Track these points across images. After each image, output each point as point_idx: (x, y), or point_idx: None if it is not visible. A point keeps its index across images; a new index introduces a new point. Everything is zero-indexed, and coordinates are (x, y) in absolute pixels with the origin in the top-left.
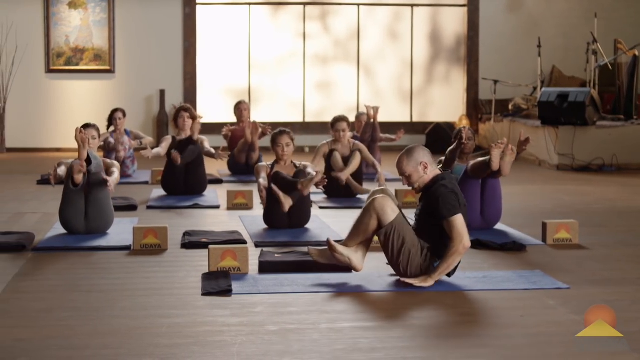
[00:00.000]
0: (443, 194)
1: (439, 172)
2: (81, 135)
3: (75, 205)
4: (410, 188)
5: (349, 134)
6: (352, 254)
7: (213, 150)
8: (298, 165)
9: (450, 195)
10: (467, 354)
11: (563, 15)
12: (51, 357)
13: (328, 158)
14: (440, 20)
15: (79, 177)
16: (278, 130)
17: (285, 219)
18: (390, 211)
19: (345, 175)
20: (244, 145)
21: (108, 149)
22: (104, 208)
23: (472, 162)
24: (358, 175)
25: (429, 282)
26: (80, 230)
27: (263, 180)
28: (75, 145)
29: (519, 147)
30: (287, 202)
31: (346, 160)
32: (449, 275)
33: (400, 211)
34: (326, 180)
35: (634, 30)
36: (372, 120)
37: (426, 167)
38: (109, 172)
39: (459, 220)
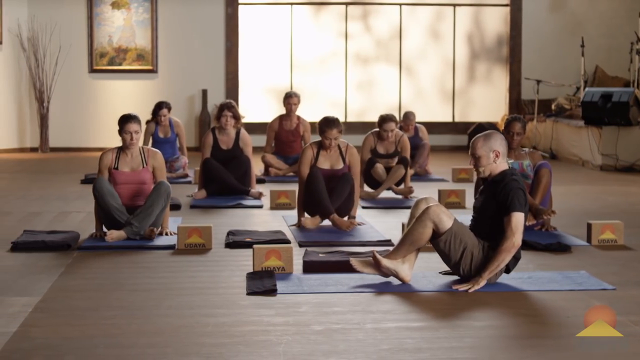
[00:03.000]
0: (514, 189)
1: (507, 166)
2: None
3: (120, 216)
4: (475, 171)
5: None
6: (399, 266)
7: (253, 174)
8: (343, 153)
9: (520, 192)
10: (513, 355)
11: (606, 15)
12: (98, 356)
13: (369, 167)
14: (483, 20)
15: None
16: (327, 121)
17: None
18: (446, 218)
19: (381, 190)
20: (287, 148)
21: (156, 143)
22: (151, 214)
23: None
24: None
25: (481, 283)
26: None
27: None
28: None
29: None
30: (314, 224)
31: (390, 156)
32: (507, 271)
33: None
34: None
35: None
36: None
37: (497, 156)
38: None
39: (519, 218)
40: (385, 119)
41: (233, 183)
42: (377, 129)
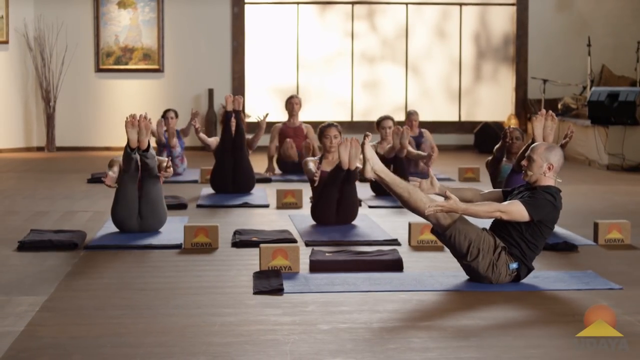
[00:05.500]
0: (544, 198)
1: (553, 183)
2: (145, 122)
3: (129, 205)
4: (523, 173)
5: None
6: (370, 160)
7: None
8: None
9: (548, 204)
10: (520, 355)
11: (613, 14)
12: (105, 355)
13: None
14: (489, 19)
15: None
16: (326, 124)
17: (333, 215)
18: (445, 218)
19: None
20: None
21: (160, 146)
22: (158, 207)
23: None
24: (404, 176)
25: (452, 204)
26: (134, 230)
27: (313, 168)
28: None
29: (563, 138)
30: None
31: (391, 161)
32: (517, 279)
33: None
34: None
35: None
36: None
37: (550, 168)
38: (160, 167)
39: (520, 210)
40: (383, 118)
41: (241, 177)
42: (377, 141)
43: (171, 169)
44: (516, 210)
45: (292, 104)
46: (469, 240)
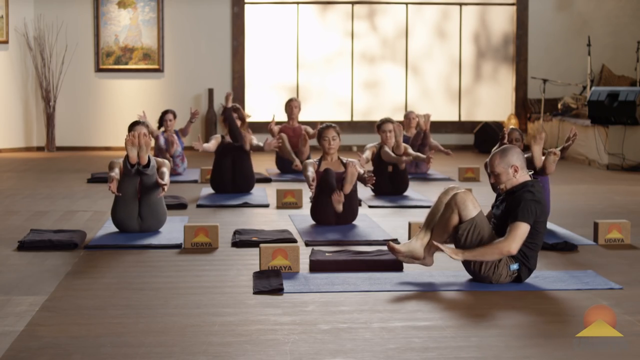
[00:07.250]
0: (526, 199)
1: (528, 177)
2: (145, 139)
3: (128, 206)
4: (498, 187)
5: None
6: (412, 245)
7: (261, 144)
8: (345, 162)
9: (532, 203)
10: (519, 354)
11: (613, 14)
12: (105, 355)
13: (378, 155)
14: (489, 19)
15: (144, 157)
16: (324, 125)
17: (333, 216)
18: (471, 206)
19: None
20: (292, 148)
21: (158, 148)
22: (157, 208)
23: None
24: (403, 176)
25: (459, 256)
26: (134, 231)
27: (311, 174)
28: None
29: (566, 141)
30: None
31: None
32: (519, 280)
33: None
34: (374, 179)
35: None
36: (423, 129)
37: (517, 170)
38: (159, 172)
39: (523, 228)
40: (383, 121)
41: (240, 177)
42: (378, 142)
43: (167, 188)
44: (518, 235)
45: (291, 107)
46: (481, 237)
